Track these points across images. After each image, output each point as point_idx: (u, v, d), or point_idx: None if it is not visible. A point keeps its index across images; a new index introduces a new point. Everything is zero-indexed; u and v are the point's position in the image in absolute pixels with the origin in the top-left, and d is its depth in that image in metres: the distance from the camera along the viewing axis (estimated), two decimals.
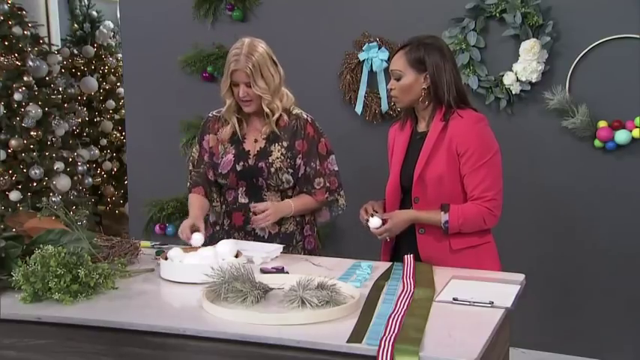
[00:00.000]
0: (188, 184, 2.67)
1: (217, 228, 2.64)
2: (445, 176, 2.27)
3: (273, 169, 2.52)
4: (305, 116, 2.60)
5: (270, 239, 2.56)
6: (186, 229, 2.42)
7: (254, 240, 2.55)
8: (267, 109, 2.50)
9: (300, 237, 2.64)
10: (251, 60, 2.44)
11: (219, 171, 2.57)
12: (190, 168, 2.68)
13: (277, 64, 2.54)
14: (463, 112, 2.29)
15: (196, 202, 2.59)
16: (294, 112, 2.59)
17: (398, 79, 2.31)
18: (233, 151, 2.56)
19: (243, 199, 2.58)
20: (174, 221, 4.11)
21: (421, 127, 2.38)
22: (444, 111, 2.29)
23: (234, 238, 2.56)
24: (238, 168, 2.55)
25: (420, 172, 2.29)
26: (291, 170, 2.54)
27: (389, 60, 2.38)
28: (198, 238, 2.36)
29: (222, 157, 2.57)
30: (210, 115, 2.67)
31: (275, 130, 2.54)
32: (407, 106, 2.37)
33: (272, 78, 2.49)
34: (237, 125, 2.56)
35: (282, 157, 2.53)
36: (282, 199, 2.56)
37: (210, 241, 2.52)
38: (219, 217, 2.64)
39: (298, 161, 2.55)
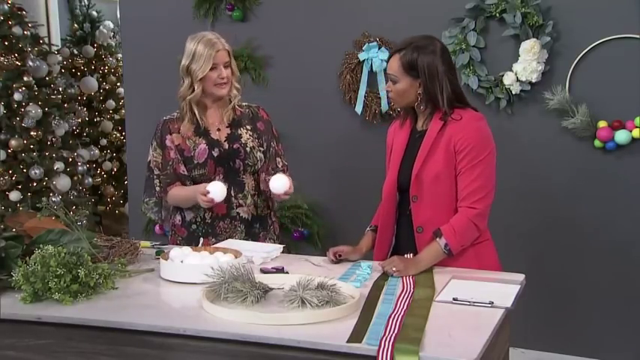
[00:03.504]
0: (157, 188, 2.66)
1: (195, 227, 2.64)
2: (442, 175, 2.25)
3: (248, 149, 2.63)
4: (254, 104, 2.76)
5: (253, 221, 2.65)
6: (200, 190, 2.46)
7: (240, 224, 2.62)
8: (235, 91, 2.63)
9: (271, 222, 2.75)
10: (223, 40, 2.61)
11: (195, 162, 2.60)
12: (157, 172, 2.66)
13: None
14: (463, 111, 2.28)
15: (183, 187, 2.62)
16: (243, 103, 2.72)
17: (394, 83, 2.31)
18: (204, 141, 2.62)
19: None
20: None
21: (420, 125, 2.37)
22: (443, 111, 2.28)
23: (219, 227, 2.62)
24: (214, 154, 2.60)
25: (417, 170, 2.28)
26: (262, 148, 2.66)
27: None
28: (216, 188, 2.44)
29: (195, 150, 2.61)
30: (165, 118, 2.69)
31: (235, 116, 2.66)
32: (404, 107, 2.37)
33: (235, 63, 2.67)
34: (199, 116, 2.62)
35: (252, 137, 2.65)
36: (257, 181, 2.66)
37: (189, 241, 2.56)
38: (198, 212, 2.63)
39: (263, 140, 2.67)
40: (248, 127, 2.66)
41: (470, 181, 2.23)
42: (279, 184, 2.50)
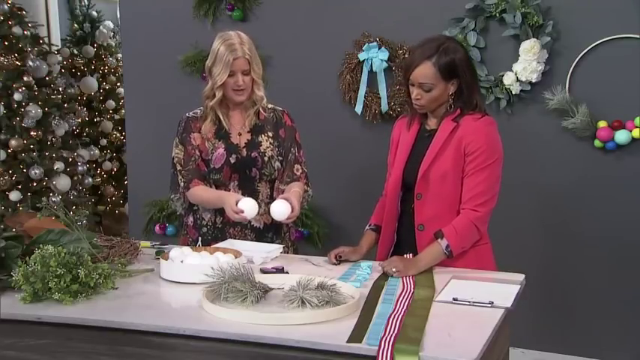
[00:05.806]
0: (182, 183, 2.60)
1: (205, 230, 2.63)
2: (449, 175, 2.26)
3: (266, 158, 2.58)
4: (280, 108, 2.69)
5: (266, 230, 2.60)
6: (232, 206, 2.38)
7: (250, 232, 2.59)
8: (258, 95, 2.58)
9: (287, 228, 2.70)
10: (246, 46, 2.54)
11: (212, 166, 2.57)
12: (179, 168, 2.62)
13: None
14: (477, 114, 2.29)
15: (208, 189, 2.57)
16: (268, 106, 2.67)
17: (428, 91, 2.26)
18: (223, 146, 2.58)
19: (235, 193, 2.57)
20: (174, 221, 4.12)
21: (431, 124, 2.36)
22: (458, 112, 2.28)
23: (229, 233, 2.59)
24: (232, 160, 2.57)
25: (425, 168, 2.28)
26: (280, 158, 2.61)
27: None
28: (250, 205, 2.37)
29: (213, 153, 2.58)
30: (188, 115, 2.66)
31: (257, 121, 2.61)
32: (431, 111, 2.34)
33: (260, 65, 2.59)
34: (222, 118, 2.58)
35: (272, 146, 2.60)
36: (272, 189, 2.62)
37: (203, 242, 2.55)
38: (210, 216, 2.62)
39: (283, 149, 2.63)
40: (270, 133, 2.61)
41: (475, 184, 2.24)
42: (277, 211, 2.39)
